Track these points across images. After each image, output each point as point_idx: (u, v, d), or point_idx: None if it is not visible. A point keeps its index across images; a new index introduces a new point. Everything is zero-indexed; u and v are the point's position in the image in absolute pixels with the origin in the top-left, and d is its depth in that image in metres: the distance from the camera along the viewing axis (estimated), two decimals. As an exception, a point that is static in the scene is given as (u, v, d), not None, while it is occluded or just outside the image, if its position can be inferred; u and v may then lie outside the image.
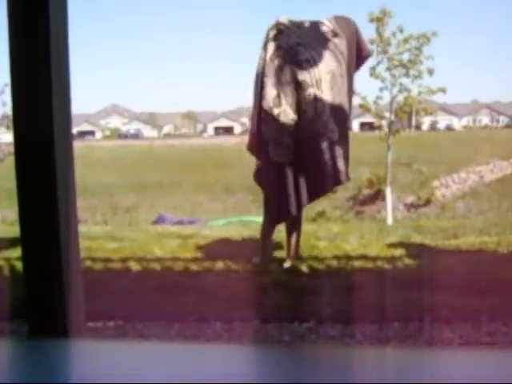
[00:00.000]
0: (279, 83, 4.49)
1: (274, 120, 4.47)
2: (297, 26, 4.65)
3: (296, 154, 4.53)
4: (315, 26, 4.67)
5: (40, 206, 1.16)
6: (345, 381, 0.77)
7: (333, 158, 4.53)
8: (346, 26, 4.74)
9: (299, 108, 4.49)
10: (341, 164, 4.57)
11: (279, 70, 4.49)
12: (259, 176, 4.80)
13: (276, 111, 4.46)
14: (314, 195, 4.76)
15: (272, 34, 4.55)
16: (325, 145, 4.50)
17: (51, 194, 1.14)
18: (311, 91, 4.48)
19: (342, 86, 4.62)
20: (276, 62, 4.50)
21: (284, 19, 4.66)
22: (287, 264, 5.06)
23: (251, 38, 5.09)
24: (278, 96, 4.46)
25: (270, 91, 4.48)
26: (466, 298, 4.01)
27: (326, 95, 4.53)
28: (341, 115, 4.61)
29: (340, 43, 4.62)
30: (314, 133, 4.50)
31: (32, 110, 1.15)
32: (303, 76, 4.49)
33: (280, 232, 5.27)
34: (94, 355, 0.90)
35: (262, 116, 4.50)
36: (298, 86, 4.49)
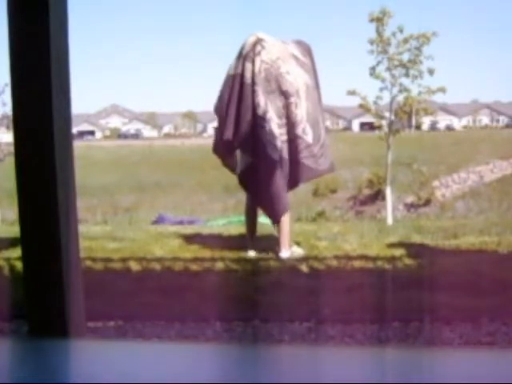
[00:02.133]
0: (266, 92, 5.09)
1: (267, 125, 5.06)
2: (272, 43, 5.27)
3: (282, 151, 5.16)
4: (285, 44, 5.37)
5: (40, 206, 1.16)
6: (345, 381, 0.77)
7: (307, 157, 5.21)
8: (305, 48, 5.42)
9: (282, 114, 5.12)
10: (312, 161, 5.24)
11: (265, 81, 5.09)
12: (246, 175, 5.27)
13: (267, 116, 5.05)
14: (291, 186, 5.43)
15: (258, 49, 5.14)
16: (301, 146, 5.17)
17: (51, 194, 1.14)
18: (292, 100, 5.14)
19: (314, 96, 5.35)
20: (263, 74, 5.08)
21: (263, 35, 5.27)
22: (285, 254, 5.19)
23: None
24: (266, 104, 5.06)
25: (262, 99, 5.06)
26: (466, 298, 4.01)
27: (303, 104, 5.20)
28: (314, 122, 5.30)
29: (306, 61, 5.34)
30: (293, 135, 5.16)
31: (32, 109, 1.15)
32: (286, 86, 5.13)
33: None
34: (93, 355, 0.90)
35: (257, 122, 5.06)
36: (282, 95, 5.13)
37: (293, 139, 5.13)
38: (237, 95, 5.11)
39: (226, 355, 0.88)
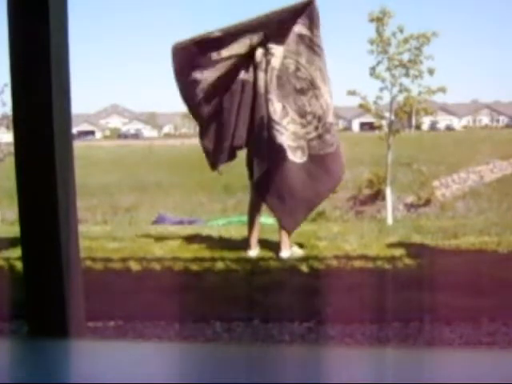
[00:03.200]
0: (282, 97, 4.97)
1: (285, 130, 4.94)
2: (280, 47, 5.02)
3: (313, 149, 4.98)
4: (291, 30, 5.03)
5: (40, 205, 1.16)
6: (345, 381, 0.77)
7: (338, 141, 5.09)
8: (311, 14, 5.00)
9: (305, 112, 4.98)
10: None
11: (280, 87, 4.98)
12: (264, 181, 5.08)
13: (285, 121, 4.94)
14: (333, 187, 5.44)
15: (268, 58, 4.99)
16: (336, 134, 5.08)
17: (51, 193, 1.14)
18: (311, 93, 4.99)
19: (327, 76, 5.11)
20: (275, 80, 4.98)
21: (271, 44, 5.04)
22: (285, 254, 5.22)
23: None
24: (283, 108, 4.95)
25: (277, 105, 4.95)
26: (466, 298, 4.01)
27: (324, 89, 5.01)
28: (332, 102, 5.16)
29: (313, 35, 4.99)
30: (328, 124, 5.00)
31: (32, 109, 1.15)
32: (300, 84, 5.00)
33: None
34: (94, 355, 0.90)
35: (276, 128, 4.93)
36: (299, 94, 5.00)
37: (328, 128, 5.00)
38: (249, 103, 5.04)
39: (226, 355, 0.88)
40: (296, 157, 4.94)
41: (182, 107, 5.39)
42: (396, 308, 3.89)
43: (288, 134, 4.94)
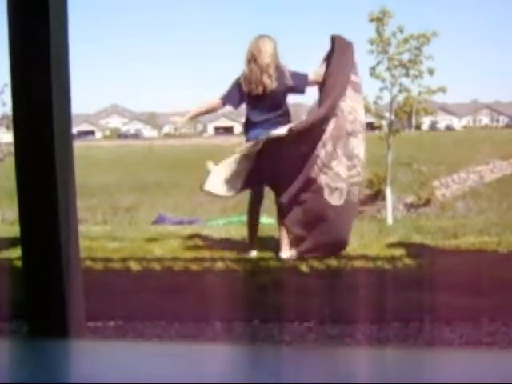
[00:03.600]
0: (336, 138, 4.90)
1: (330, 170, 4.90)
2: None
3: (352, 195, 4.99)
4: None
5: (40, 205, 1.16)
6: (344, 381, 0.77)
7: None
8: (356, 63, 5.09)
9: (353, 155, 4.95)
10: None
11: (335, 129, 4.89)
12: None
13: (334, 163, 4.91)
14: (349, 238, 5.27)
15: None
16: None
17: (51, 193, 1.14)
18: (359, 137, 4.95)
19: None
20: (333, 123, 4.90)
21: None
22: (285, 254, 5.20)
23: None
24: (333, 151, 4.90)
25: (329, 147, 4.89)
26: (466, 297, 4.01)
27: (363, 136, 5.00)
28: None
29: (358, 77, 5.02)
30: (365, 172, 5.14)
31: (32, 109, 1.15)
32: (351, 128, 4.93)
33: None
34: (94, 355, 0.90)
35: (321, 169, 4.91)
36: (349, 136, 4.94)
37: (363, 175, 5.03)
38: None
39: (226, 355, 0.88)
40: (332, 199, 4.93)
41: (182, 107, 5.39)
42: (396, 308, 3.88)
43: (331, 173, 4.92)
